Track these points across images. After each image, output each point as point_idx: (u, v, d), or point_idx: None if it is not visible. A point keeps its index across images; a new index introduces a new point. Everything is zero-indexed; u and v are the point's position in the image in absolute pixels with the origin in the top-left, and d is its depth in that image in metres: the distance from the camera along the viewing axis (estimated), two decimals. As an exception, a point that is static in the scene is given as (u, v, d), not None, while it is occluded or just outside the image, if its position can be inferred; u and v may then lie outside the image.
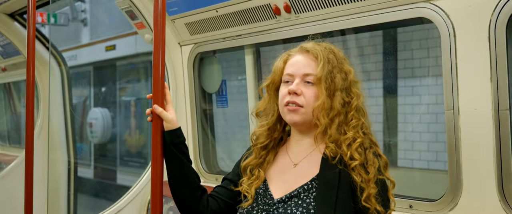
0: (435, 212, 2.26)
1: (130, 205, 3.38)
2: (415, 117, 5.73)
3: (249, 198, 1.89)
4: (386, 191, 1.82)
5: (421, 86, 5.74)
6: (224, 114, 3.90)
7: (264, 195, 1.88)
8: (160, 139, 1.93)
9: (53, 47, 5.10)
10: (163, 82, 1.95)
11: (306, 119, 1.87)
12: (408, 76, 5.86)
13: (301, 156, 1.92)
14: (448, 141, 2.22)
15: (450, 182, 2.22)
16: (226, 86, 3.60)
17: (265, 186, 1.91)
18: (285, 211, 1.79)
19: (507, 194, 2.06)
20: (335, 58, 1.88)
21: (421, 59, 5.69)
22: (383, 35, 5.75)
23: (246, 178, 1.95)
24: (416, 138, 5.71)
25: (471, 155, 2.15)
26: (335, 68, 1.86)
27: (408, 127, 5.81)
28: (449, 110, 2.21)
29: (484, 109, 2.09)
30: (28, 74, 2.67)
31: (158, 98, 1.92)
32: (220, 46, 3.31)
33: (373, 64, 5.92)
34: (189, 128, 3.60)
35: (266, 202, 1.86)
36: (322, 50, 1.89)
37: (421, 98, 5.69)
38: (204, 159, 3.60)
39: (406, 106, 5.79)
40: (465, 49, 2.14)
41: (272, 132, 1.98)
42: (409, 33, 5.83)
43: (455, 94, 2.17)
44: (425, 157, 5.67)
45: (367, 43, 5.90)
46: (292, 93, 1.86)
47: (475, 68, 2.11)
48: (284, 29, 2.88)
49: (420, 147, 5.70)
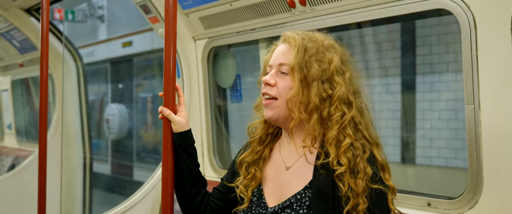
0: (454, 211, 2.19)
1: (143, 201, 3.36)
2: (433, 114, 5.64)
3: (246, 201, 1.81)
4: (383, 202, 1.66)
5: (440, 82, 5.64)
6: (239, 109, 3.86)
7: (258, 204, 1.80)
8: (170, 137, 1.91)
9: (68, 43, 5.11)
10: (174, 80, 1.92)
11: (280, 113, 1.74)
12: (426, 72, 5.77)
13: (293, 158, 1.79)
14: (468, 137, 2.15)
15: (470, 179, 2.15)
16: (240, 81, 3.55)
17: (260, 191, 1.82)
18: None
19: (529, 192, 1.99)
20: (315, 47, 1.74)
21: (440, 54, 5.59)
22: (401, 30, 5.67)
23: (242, 177, 1.85)
24: (435, 135, 5.62)
25: (492, 151, 2.08)
26: (313, 57, 1.72)
27: (426, 124, 5.72)
28: (469, 104, 2.13)
29: (506, 103, 2.01)
30: (42, 69, 2.67)
31: (169, 96, 1.89)
32: (234, 40, 3.27)
33: (390, 60, 5.84)
34: (203, 123, 3.57)
35: (260, 212, 1.78)
36: (300, 38, 1.76)
37: (440, 95, 5.59)
38: (218, 154, 3.56)
39: (425, 102, 5.69)
40: (486, 41, 2.06)
41: (268, 126, 1.87)
42: (428, 28, 5.74)
43: (475, 88, 2.10)
44: (444, 154, 5.58)
45: (385, 39, 5.81)
46: (265, 84, 1.77)
47: (496, 61, 2.03)
48: (299, 23, 2.83)
49: (439, 144, 5.61)
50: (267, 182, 1.82)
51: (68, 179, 4.88)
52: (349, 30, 4.80)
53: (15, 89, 6.74)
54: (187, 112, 3.50)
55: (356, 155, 1.65)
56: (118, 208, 3.35)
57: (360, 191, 1.59)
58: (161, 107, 1.91)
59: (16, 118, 6.70)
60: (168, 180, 1.92)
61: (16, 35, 5.28)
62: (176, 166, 1.92)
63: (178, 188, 1.94)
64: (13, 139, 6.61)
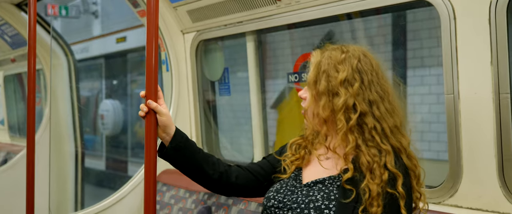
0: (435, 199, 2.22)
1: (133, 193, 3.37)
2: (424, 107, 5.67)
3: (288, 172, 1.97)
4: (394, 207, 1.73)
5: (430, 76, 5.67)
6: (227, 102, 3.89)
7: (295, 179, 1.95)
8: (154, 129, 1.92)
9: (59, 37, 5.11)
10: (156, 73, 1.94)
11: (308, 123, 1.94)
12: (417, 66, 5.80)
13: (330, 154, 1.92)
14: (448, 126, 2.18)
15: (450, 168, 2.18)
16: (228, 74, 3.58)
17: (300, 172, 1.97)
18: (308, 193, 1.84)
19: (507, 180, 2.02)
20: (328, 63, 1.86)
21: (431, 48, 5.62)
22: (392, 25, 5.69)
23: (290, 153, 2.02)
24: (425, 128, 5.65)
25: (471, 141, 2.11)
26: (324, 73, 1.85)
27: (417, 117, 5.75)
28: (449, 94, 2.16)
29: (484, 93, 2.04)
30: (29, 63, 2.68)
31: (151, 90, 1.90)
32: (222, 33, 3.29)
33: (382, 54, 5.86)
34: (192, 116, 3.59)
35: (294, 184, 1.92)
36: (320, 54, 1.90)
37: (431, 88, 5.62)
38: (207, 146, 3.59)
39: (415, 96, 5.72)
40: (465, 32, 2.09)
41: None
42: (419, 22, 5.76)
43: (455, 78, 2.13)
44: (435, 148, 5.61)
45: (376, 33, 5.84)
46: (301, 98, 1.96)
47: (475, 52, 2.06)
48: (285, 15, 2.85)
49: (430, 138, 5.64)
50: (310, 165, 1.97)
51: (60, 173, 4.90)
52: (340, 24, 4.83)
53: (8, 85, 6.74)
54: (176, 105, 3.55)
55: (373, 161, 1.75)
56: (108, 200, 3.37)
57: (374, 195, 1.69)
58: (146, 101, 1.92)
59: (8, 113, 6.70)
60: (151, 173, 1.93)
61: (7, 30, 5.28)
62: (185, 168, 2.02)
63: (199, 180, 2.07)
64: (5, 134, 6.61)
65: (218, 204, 2.88)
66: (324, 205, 1.77)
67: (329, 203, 1.76)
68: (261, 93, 3.41)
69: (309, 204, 1.80)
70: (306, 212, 1.78)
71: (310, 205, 1.79)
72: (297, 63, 3.24)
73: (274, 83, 5.62)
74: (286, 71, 3.94)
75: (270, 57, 5.92)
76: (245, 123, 3.85)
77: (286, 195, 1.89)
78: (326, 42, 4.46)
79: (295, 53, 4.83)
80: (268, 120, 3.59)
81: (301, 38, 5.57)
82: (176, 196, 3.20)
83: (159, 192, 3.31)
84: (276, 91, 5.20)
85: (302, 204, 1.81)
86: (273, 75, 6.02)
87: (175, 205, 3.17)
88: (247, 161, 3.56)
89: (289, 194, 1.89)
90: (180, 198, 3.16)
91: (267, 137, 3.48)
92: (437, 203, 2.20)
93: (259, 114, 3.40)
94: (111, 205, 3.34)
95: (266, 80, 4.77)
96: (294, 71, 3.21)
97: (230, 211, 2.79)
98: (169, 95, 3.60)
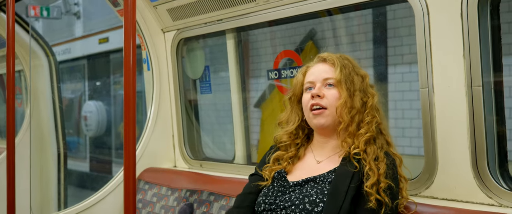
0: (412, 191, 2.26)
1: (114, 192, 3.38)
2: (405, 104, 5.74)
3: (268, 178, 2.09)
4: (397, 187, 1.93)
5: (411, 72, 5.74)
6: (209, 100, 3.90)
7: (280, 179, 2.07)
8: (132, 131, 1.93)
9: (39, 38, 5.08)
10: (134, 74, 1.99)
11: (330, 120, 2.03)
12: (398, 63, 5.86)
13: (325, 156, 2.08)
14: (424, 120, 2.23)
15: (426, 160, 2.23)
16: (209, 72, 3.60)
17: (282, 173, 2.09)
18: (301, 191, 1.97)
19: (481, 170, 2.06)
20: (350, 64, 2.06)
21: (411, 45, 5.69)
22: (372, 22, 5.75)
23: (270, 164, 2.15)
24: (406, 124, 5.72)
25: (446, 133, 2.16)
26: (352, 72, 2.04)
27: (398, 114, 5.81)
28: (424, 88, 2.21)
29: (457, 86, 2.09)
30: (8, 64, 2.68)
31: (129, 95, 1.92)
32: (202, 32, 3.31)
33: (363, 52, 5.91)
34: (174, 114, 3.60)
35: (282, 184, 2.05)
36: (337, 57, 2.08)
37: (411, 85, 5.69)
38: (189, 145, 3.60)
39: (396, 93, 5.79)
40: (438, 27, 2.13)
41: (294, 137, 2.17)
42: (399, 20, 5.83)
43: (429, 72, 2.17)
44: (416, 143, 5.68)
45: (357, 31, 5.89)
46: (315, 96, 2.04)
47: (448, 46, 2.11)
48: (264, 12, 2.88)
49: (411, 134, 5.71)
50: (295, 170, 2.11)
51: (43, 174, 4.87)
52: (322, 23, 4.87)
53: (-12, 87, 6.68)
54: (158, 104, 3.56)
55: (378, 148, 1.96)
56: (90, 199, 3.37)
57: (382, 172, 1.88)
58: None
59: (-10, 115, 6.64)
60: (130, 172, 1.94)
61: (-14, 31, 5.23)
62: None
63: None
64: (-14, 137, 6.55)
65: (200, 201, 2.90)
66: (318, 199, 1.90)
67: (323, 197, 1.90)
68: (242, 92, 3.43)
69: (303, 199, 1.92)
70: (301, 207, 1.90)
71: (305, 200, 1.91)
72: (277, 60, 3.27)
73: (257, 82, 5.65)
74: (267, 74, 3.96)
75: (251, 56, 5.95)
76: (228, 122, 3.87)
77: (277, 197, 2.00)
78: (309, 40, 4.51)
79: (276, 52, 4.87)
80: (252, 118, 3.62)
81: (282, 36, 5.61)
82: (158, 194, 3.21)
83: (141, 191, 3.32)
84: (258, 90, 5.23)
85: (296, 201, 1.93)
86: (256, 74, 6.05)
87: (157, 203, 3.18)
88: (229, 159, 3.59)
89: (279, 195, 2.00)
90: (162, 196, 3.18)
91: (249, 135, 3.50)
92: (414, 195, 2.24)
93: (241, 112, 3.42)
94: (93, 204, 3.35)
95: (248, 79, 4.80)
96: (274, 68, 3.24)
97: (212, 208, 2.81)
98: (151, 94, 3.61)
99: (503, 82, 2.09)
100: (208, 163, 3.45)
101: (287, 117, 2.20)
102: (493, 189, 2.04)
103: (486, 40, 2.05)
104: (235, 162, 3.41)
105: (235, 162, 3.42)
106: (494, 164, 2.07)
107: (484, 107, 2.04)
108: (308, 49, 3.94)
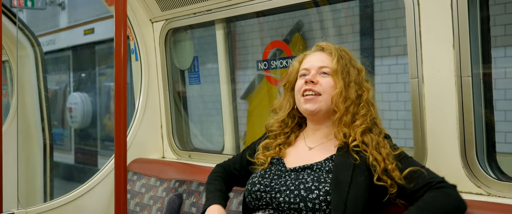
0: (401, 181, 2.27)
1: (102, 183, 3.37)
2: (391, 96, 5.77)
3: (265, 163, 2.12)
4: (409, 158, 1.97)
5: (397, 65, 5.78)
6: (197, 91, 3.89)
7: (278, 164, 2.10)
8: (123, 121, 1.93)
9: (26, 28, 5.02)
10: (125, 64, 1.99)
11: (323, 107, 2.04)
12: (384, 55, 5.89)
13: (317, 143, 2.10)
14: (413, 110, 2.24)
15: (415, 150, 2.24)
16: (198, 63, 3.59)
17: (280, 159, 2.12)
18: (297, 176, 1.98)
19: (469, 160, 2.09)
20: (347, 56, 2.09)
21: (398, 38, 5.72)
22: (359, 14, 5.77)
23: (262, 152, 2.19)
24: (393, 116, 5.76)
25: (435, 123, 2.18)
26: (349, 63, 2.06)
27: (385, 106, 5.84)
28: (413, 78, 2.22)
29: (447, 76, 2.11)
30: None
31: (120, 86, 1.91)
32: (191, 22, 3.29)
33: (350, 44, 5.94)
34: (162, 105, 3.59)
35: (280, 169, 2.07)
36: (335, 48, 2.09)
37: (398, 77, 5.73)
38: (178, 136, 3.59)
39: (383, 85, 5.82)
40: (428, 17, 2.15)
41: (284, 126, 2.20)
42: (386, 12, 5.85)
43: (419, 62, 2.19)
44: (402, 135, 5.71)
45: (345, 23, 5.91)
46: (309, 82, 2.05)
47: (438, 36, 2.12)
48: (252, 3, 2.87)
49: (397, 125, 5.74)
50: (287, 156, 2.14)
51: (29, 165, 4.83)
52: (309, 15, 4.87)
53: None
54: (146, 94, 3.54)
55: (376, 135, 1.99)
56: (77, 190, 3.35)
57: (385, 156, 1.90)
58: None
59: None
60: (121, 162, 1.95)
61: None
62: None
63: None
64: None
65: (189, 191, 2.89)
66: (314, 186, 1.91)
67: (318, 184, 1.91)
68: (231, 83, 3.43)
69: (299, 185, 1.93)
70: (296, 193, 1.92)
71: (300, 187, 1.93)
72: (266, 51, 3.27)
73: (244, 74, 5.64)
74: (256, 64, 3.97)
75: (240, 48, 5.94)
76: (216, 113, 3.87)
77: (273, 180, 2.03)
78: (296, 33, 4.52)
79: (264, 44, 4.88)
80: (239, 110, 3.62)
81: (270, 28, 5.60)
82: (147, 184, 3.20)
83: (129, 181, 3.30)
84: (246, 82, 5.23)
85: (291, 186, 1.95)
86: (243, 65, 6.04)
87: (146, 194, 3.17)
88: (218, 150, 3.59)
89: (275, 178, 2.03)
90: (151, 186, 3.17)
91: (238, 127, 3.50)
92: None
93: (230, 103, 3.42)
94: (81, 195, 3.33)
95: (236, 70, 4.79)
96: (263, 59, 3.24)
97: (201, 198, 2.81)
98: (139, 85, 3.59)
99: (491, 73, 2.12)
100: (196, 154, 3.45)
101: (280, 103, 2.24)
102: (482, 179, 2.07)
103: (476, 31, 2.07)
104: (224, 153, 3.41)
105: (224, 152, 3.42)
106: (482, 154, 2.10)
107: (473, 97, 2.06)
108: (296, 41, 3.95)
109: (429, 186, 1.83)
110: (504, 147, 4.90)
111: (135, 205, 3.19)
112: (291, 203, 1.91)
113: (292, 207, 1.91)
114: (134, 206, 3.20)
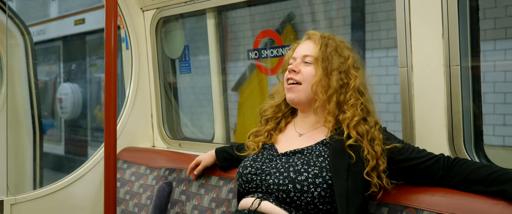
0: (389, 169, 2.29)
1: (92, 171, 3.36)
2: (381, 88, 5.80)
3: (256, 148, 2.18)
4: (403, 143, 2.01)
5: (388, 57, 5.80)
6: (188, 80, 3.89)
7: (270, 149, 2.15)
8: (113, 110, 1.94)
9: (16, 17, 4.98)
10: (115, 53, 2.01)
11: (302, 96, 2.08)
12: (375, 47, 5.91)
13: (306, 130, 2.14)
14: (402, 99, 2.26)
15: (404, 137, 2.27)
16: (189, 52, 3.58)
17: (272, 145, 2.17)
18: (287, 160, 2.02)
19: (457, 148, 2.11)
20: (334, 43, 2.09)
21: (389, 30, 5.74)
22: (351, 7, 5.78)
23: (252, 139, 2.25)
24: (382, 108, 5.78)
25: (423, 111, 2.20)
26: (333, 51, 2.06)
27: (375, 98, 5.86)
28: (403, 67, 2.24)
29: (436, 65, 2.13)
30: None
31: (111, 73, 1.91)
32: (182, 10, 3.29)
33: (341, 36, 5.94)
34: (153, 94, 3.59)
35: (271, 153, 2.12)
36: (321, 36, 2.11)
37: (388, 69, 5.75)
38: (168, 125, 3.59)
39: (373, 77, 5.83)
40: (418, 6, 2.16)
41: (277, 110, 2.25)
42: (377, 4, 5.87)
43: (408, 51, 2.20)
44: (392, 127, 5.74)
45: (336, 16, 5.92)
46: (291, 71, 2.09)
47: (427, 25, 2.14)
48: (244, -8, 2.87)
49: (387, 118, 5.77)
50: (279, 142, 2.18)
51: (18, 153, 4.81)
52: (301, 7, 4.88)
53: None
54: (136, 83, 3.53)
55: (370, 127, 1.99)
56: (67, 178, 3.35)
57: (379, 154, 1.92)
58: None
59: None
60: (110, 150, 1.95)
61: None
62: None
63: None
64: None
65: (179, 179, 2.90)
66: (303, 169, 1.95)
67: (308, 167, 1.95)
68: (222, 74, 3.43)
69: (288, 168, 1.98)
70: (286, 174, 1.96)
71: (290, 169, 1.97)
72: (257, 40, 3.27)
73: (236, 65, 5.64)
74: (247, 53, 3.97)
75: (231, 39, 5.93)
76: (207, 105, 3.87)
77: (264, 163, 2.08)
78: (287, 24, 4.54)
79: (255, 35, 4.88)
80: (230, 102, 3.62)
81: (262, 20, 5.60)
82: (137, 173, 3.21)
83: (119, 170, 3.31)
84: (237, 74, 5.23)
85: (281, 169, 2.00)
86: (235, 57, 6.04)
87: (136, 182, 3.17)
88: (208, 138, 3.60)
89: (267, 162, 2.08)
90: (141, 175, 3.17)
91: (228, 116, 3.51)
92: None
93: (220, 93, 3.42)
94: (71, 183, 3.33)
95: (227, 62, 4.79)
96: (254, 48, 3.24)
97: (191, 186, 2.82)
98: (129, 74, 3.58)
99: (480, 63, 2.14)
100: (187, 143, 3.45)
101: (277, 89, 2.29)
102: (469, 167, 2.08)
103: (465, 22, 2.09)
104: (215, 142, 3.41)
105: (215, 141, 3.43)
106: (470, 143, 2.12)
107: (462, 86, 2.08)
108: (287, 33, 3.95)
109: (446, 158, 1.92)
110: (493, 139, 4.95)
111: (125, 193, 3.20)
112: (280, 184, 1.95)
113: (281, 189, 1.95)
114: (124, 194, 3.20)
